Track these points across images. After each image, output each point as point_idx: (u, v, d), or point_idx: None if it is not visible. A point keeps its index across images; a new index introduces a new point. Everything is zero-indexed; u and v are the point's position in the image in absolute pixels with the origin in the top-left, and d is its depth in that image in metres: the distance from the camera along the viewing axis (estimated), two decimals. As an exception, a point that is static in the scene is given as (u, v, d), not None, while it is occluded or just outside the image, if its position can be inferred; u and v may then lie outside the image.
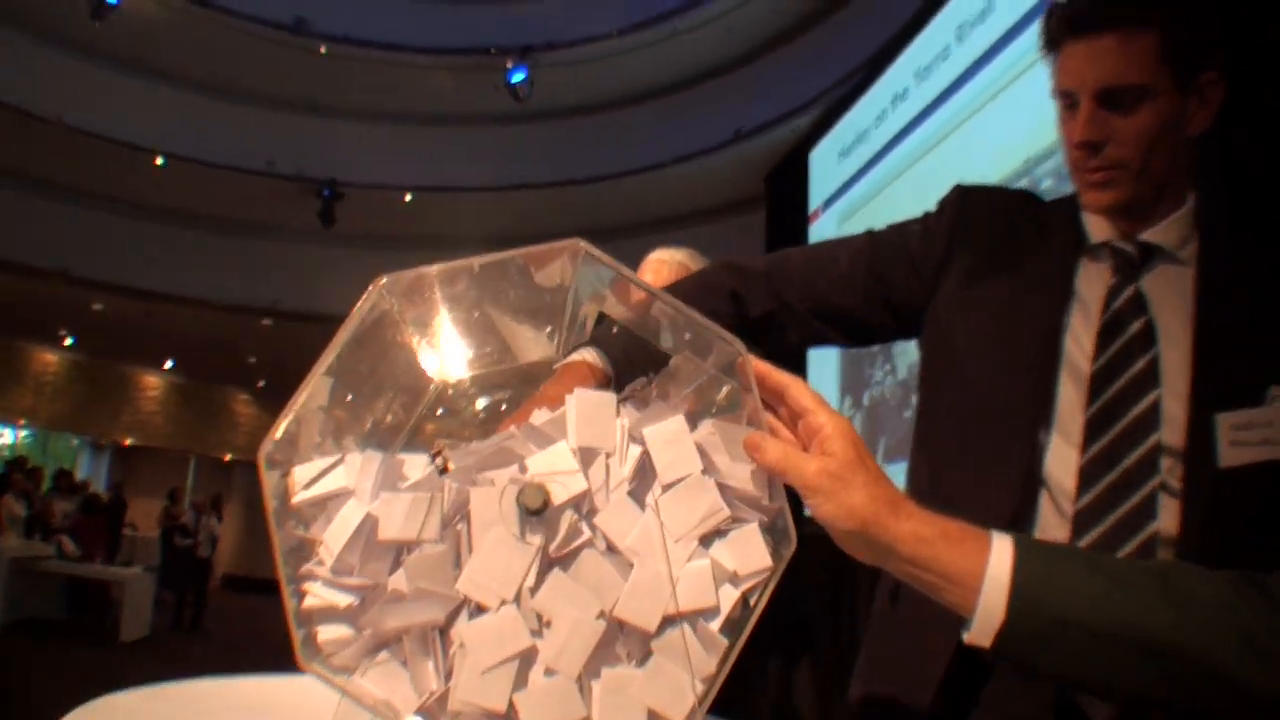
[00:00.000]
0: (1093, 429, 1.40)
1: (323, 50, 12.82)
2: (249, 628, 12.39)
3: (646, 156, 12.35)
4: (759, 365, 0.96)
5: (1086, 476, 1.39)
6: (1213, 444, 1.33)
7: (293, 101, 13.48)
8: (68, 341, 18.23)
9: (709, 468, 0.93)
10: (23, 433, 21.22)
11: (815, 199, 8.65)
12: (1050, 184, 5.11)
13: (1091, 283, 1.50)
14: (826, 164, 8.54)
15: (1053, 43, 1.48)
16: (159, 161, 12.92)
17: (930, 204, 1.70)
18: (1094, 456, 1.39)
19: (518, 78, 12.55)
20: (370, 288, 0.95)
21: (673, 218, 12.95)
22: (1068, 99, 1.45)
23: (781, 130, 10.76)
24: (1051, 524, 1.41)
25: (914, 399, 5.05)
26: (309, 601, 0.89)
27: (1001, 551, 0.90)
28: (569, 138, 13.24)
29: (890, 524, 0.89)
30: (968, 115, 6.07)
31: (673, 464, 0.91)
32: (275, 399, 20.95)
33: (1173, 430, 1.36)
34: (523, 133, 13.21)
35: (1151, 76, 1.37)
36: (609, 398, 0.94)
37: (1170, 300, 1.43)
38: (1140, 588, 0.89)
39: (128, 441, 20.93)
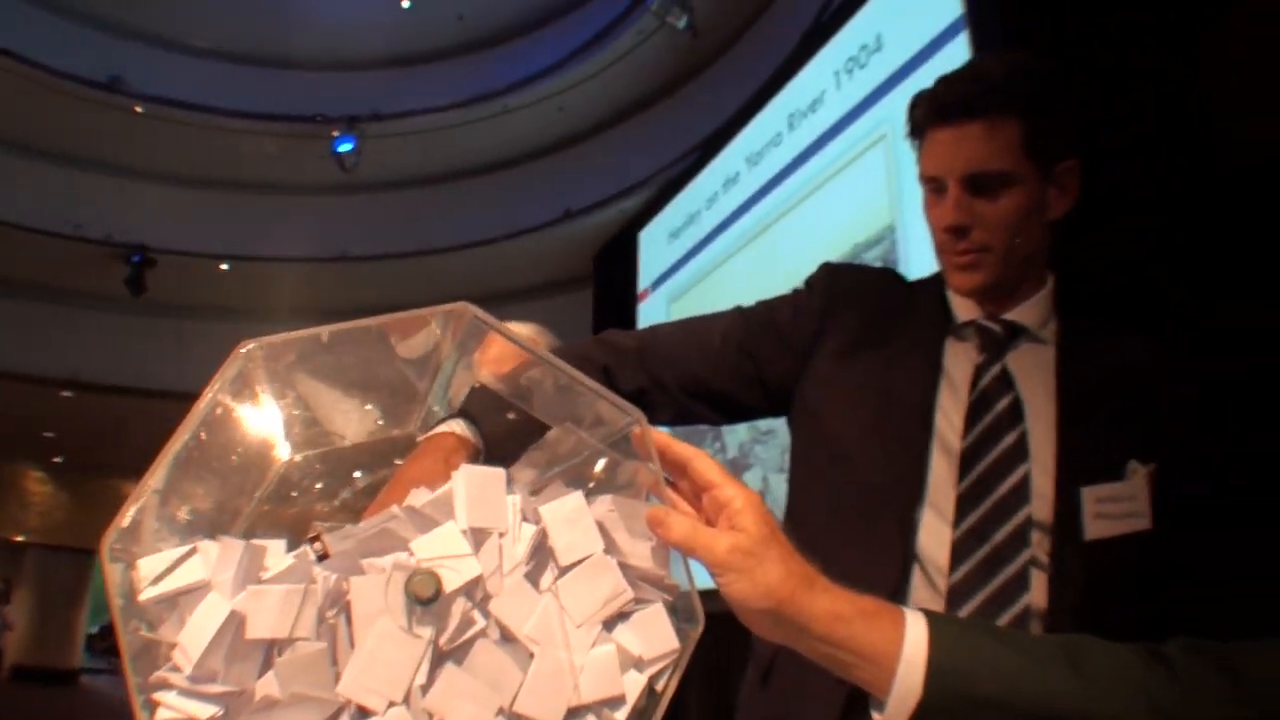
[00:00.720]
0: (964, 504, 1.42)
1: (139, 110, 12.40)
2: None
3: (475, 232, 12.33)
4: (660, 437, 0.91)
5: (959, 552, 1.40)
6: (1079, 517, 1.38)
7: (104, 163, 12.97)
8: None
9: (610, 547, 0.86)
10: None
11: (645, 279, 8.73)
12: (876, 269, 5.28)
13: (959, 361, 1.54)
14: (656, 244, 8.64)
15: (919, 129, 1.57)
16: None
17: (762, 286, 1.79)
18: (966, 532, 1.41)
19: (344, 147, 12.40)
20: (234, 353, 0.85)
21: (501, 294, 12.93)
22: (934, 184, 1.53)
23: (611, 210, 10.89)
24: (925, 599, 1.41)
25: (744, 477, 5.08)
26: (162, 714, 0.77)
27: (916, 629, 0.87)
28: (397, 210, 13.13)
29: (806, 602, 0.86)
30: (798, 201, 6.24)
31: (572, 544, 0.84)
32: (74, 476, 19.85)
33: (1042, 505, 1.41)
34: (348, 203, 13.03)
35: (1015, 164, 1.45)
36: (499, 473, 0.87)
37: (1035, 377, 1.49)
38: (1050, 662, 0.88)
39: (-96, 521, 19.61)
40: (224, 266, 13.06)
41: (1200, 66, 4.54)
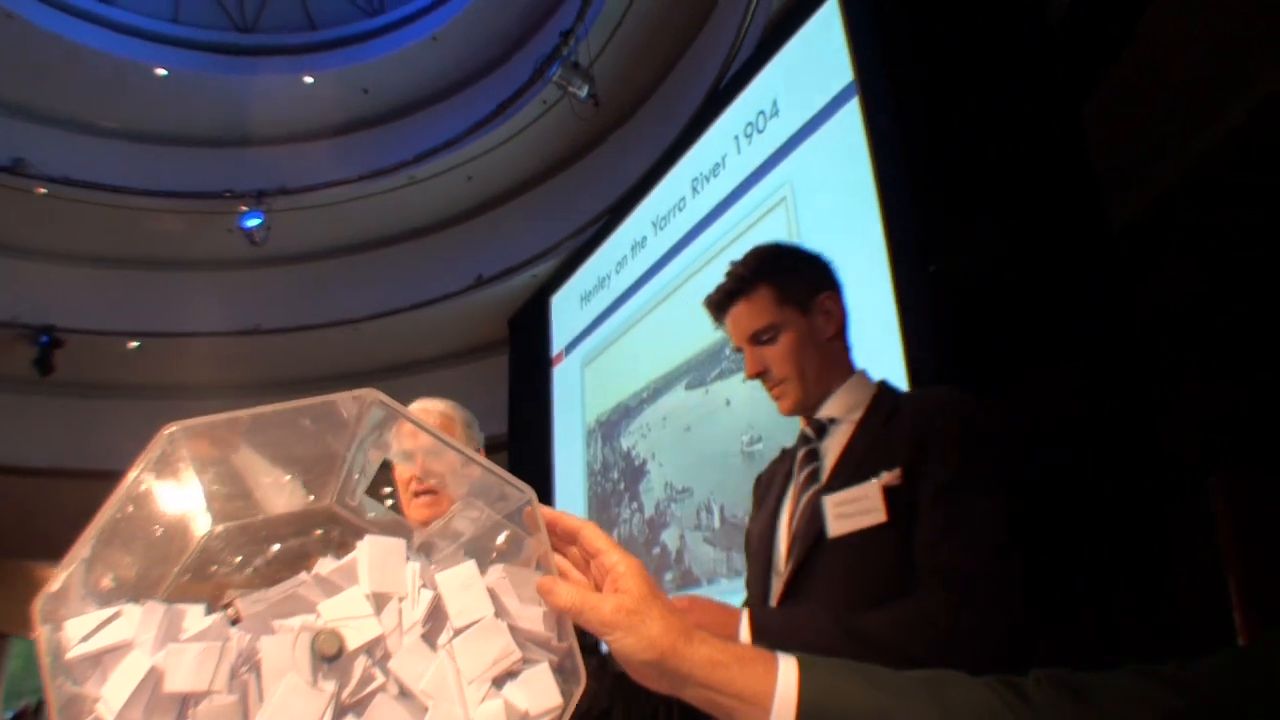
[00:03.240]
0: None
1: (42, 191, 12.23)
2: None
3: (389, 301, 12.29)
4: (550, 511, 1.02)
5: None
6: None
7: (8, 244, 12.74)
8: None
9: (500, 611, 0.95)
10: None
11: (558, 343, 8.81)
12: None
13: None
14: (568, 308, 8.73)
15: (719, 320, 2.07)
16: None
17: (672, 349, 2.26)
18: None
19: (252, 222, 12.30)
20: (158, 435, 0.94)
21: (416, 362, 12.91)
22: (740, 350, 2.02)
23: (523, 276, 10.94)
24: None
25: (662, 535, 5.14)
26: (86, 766, 0.85)
27: (788, 671, 0.95)
28: (308, 282, 13.03)
29: (686, 651, 0.95)
30: (705, 262, 6.34)
31: (465, 608, 0.93)
32: (-16, 560, 19.36)
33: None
34: (259, 277, 12.90)
35: (776, 316, 1.96)
36: (399, 543, 0.96)
37: (834, 447, 1.93)
38: (913, 696, 0.95)
39: None
40: (133, 344, 12.85)
41: (1076, 136, 4.79)
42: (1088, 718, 0.93)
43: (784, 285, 1.97)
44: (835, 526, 1.77)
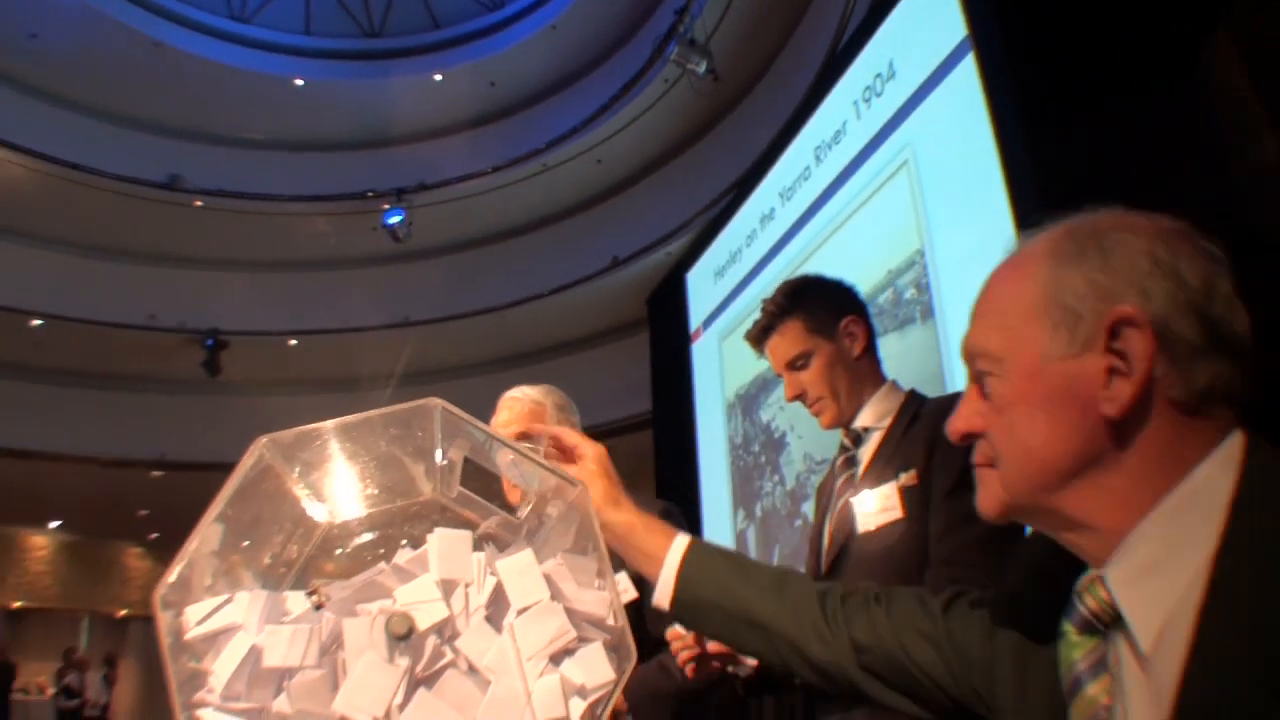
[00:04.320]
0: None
1: (198, 204, 12.84)
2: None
3: (529, 287, 12.53)
4: (557, 429, 1.35)
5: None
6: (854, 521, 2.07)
7: (171, 255, 13.42)
8: (-50, 506, 17.64)
9: (557, 594, 1.05)
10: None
11: (696, 318, 8.84)
12: (912, 294, 5.37)
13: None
14: (703, 284, 8.76)
15: (759, 352, 2.28)
16: (35, 323, 12.76)
17: None
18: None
19: (394, 219, 12.69)
20: (252, 446, 1.06)
21: (560, 345, 13.14)
22: (780, 375, 2.24)
23: (657, 254, 11.01)
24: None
25: (803, 507, 5.18)
26: (199, 727, 0.98)
27: (679, 545, 1.29)
28: (451, 273, 13.38)
29: (611, 514, 1.30)
30: (831, 231, 6.32)
31: (523, 592, 1.04)
32: (168, 550, 20.22)
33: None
34: (404, 271, 13.31)
35: (807, 345, 2.17)
36: (466, 535, 1.06)
37: (869, 451, 2.16)
38: (760, 585, 1.26)
39: (16, 604, 20.09)
40: (292, 342, 13.41)
41: (1203, 73, 4.65)
42: (866, 619, 1.21)
43: (811, 316, 2.17)
44: (862, 523, 2.02)
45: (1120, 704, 0.86)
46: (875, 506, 1.99)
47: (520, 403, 2.54)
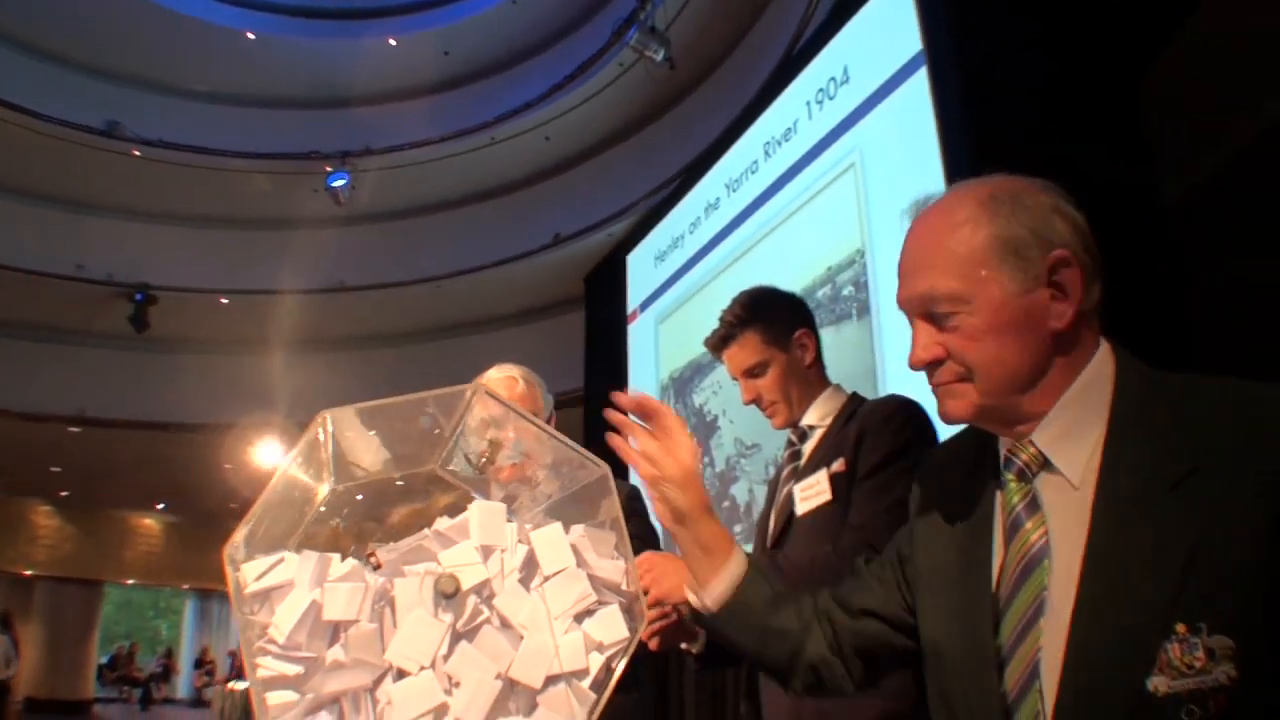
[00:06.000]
0: None
1: (136, 154, 12.64)
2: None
3: (469, 259, 12.52)
4: (642, 397, 1.46)
5: None
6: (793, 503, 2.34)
7: (103, 205, 13.13)
8: None
9: (580, 562, 1.20)
10: None
11: (633, 300, 8.96)
12: (850, 291, 5.55)
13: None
14: (643, 267, 8.88)
15: (718, 358, 2.49)
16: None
17: None
18: None
19: (338, 182, 12.62)
20: (317, 418, 1.19)
21: (496, 318, 13.16)
22: (736, 379, 2.46)
23: (599, 235, 11.09)
24: None
25: (731, 489, 5.35)
26: (261, 673, 1.11)
27: (741, 559, 1.47)
28: (391, 240, 13.30)
29: (701, 516, 1.45)
30: (775, 225, 6.47)
31: (553, 559, 1.19)
32: (81, 509, 20.03)
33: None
34: (344, 235, 13.17)
35: (763, 355, 2.38)
36: (501, 507, 1.21)
37: (809, 449, 2.48)
38: (781, 599, 1.48)
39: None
40: (224, 300, 13.27)
41: (1140, 101, 4.87)
42: (839, 606, 1.47)
43: (768, 328, 2.39)
44: (799, 508, 2.26)
45: (1051, 533, 1.18)
46: (809, 492, 2.25)
47: (513, 382, 2.70)
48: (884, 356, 5.14)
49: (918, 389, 4.60)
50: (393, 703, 1.09)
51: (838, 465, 2.21)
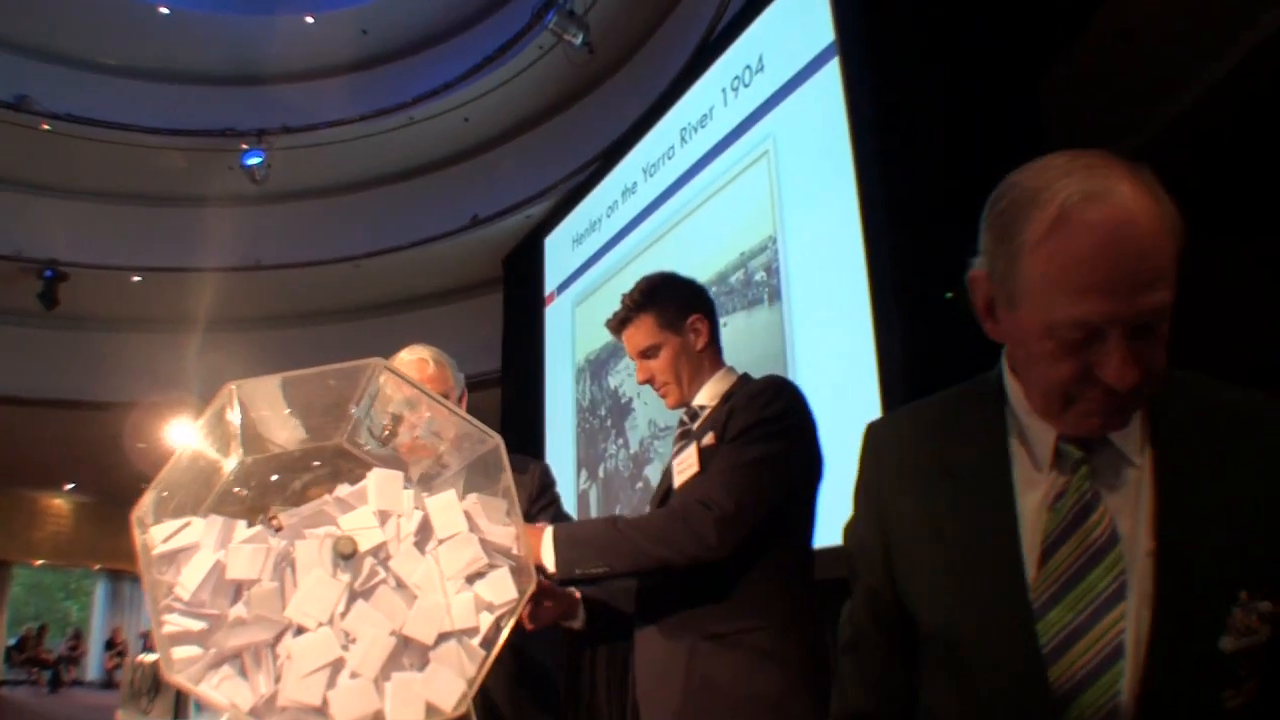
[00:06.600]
0: None
1: (46, 128, 12.38)
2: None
3: (386, 239, 12.45)
4: None
5: None
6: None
7: (11, 179, 12.85)
8: None
9: (473, 527, 1.28)
10: None
11: (551, 282, 9.04)
12: (762, 276, 5.67)
13: None
14: (561, 250, 8.96)
15: (618, 339, 2.59)
16: None
17: None
18: None
19: (254, 160, 12.46)
20: (223, 390, 1.26)
21: (413, 298, 13.11)
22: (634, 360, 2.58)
23: (517, 217, 11.11)
24: None
25: (645, 470, 5.43)
26: (167, 629, 1.18)
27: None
28: (308, 219, 13.17)
29: None
30: (691, 210, 6.57)
31: (446, 524, 1.26)
32: (-13, 487, 19.70)
33: None
34: (260, 214, 13.01)
35: (657, 338, 2.49)
36: (398, 475, 1.29)
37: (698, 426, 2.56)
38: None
39: None
40: (136, 278, 13.05)
41: (1041, 95, 5.03)
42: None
43: (662, 313, 2.50)
44: (676, 481, 2.37)
45: (1113, 510, 1.19)
46: (682, 465, 2.36)
47: (424, 365, 2.77)
48: (794, 340, 5.25)
49: (828, 371, 4.71)
50: (292, 657, 1.16)
51: (708, 440, 2.32)
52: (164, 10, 13.10)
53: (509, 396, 9.60)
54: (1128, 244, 1.09)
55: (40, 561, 22.74)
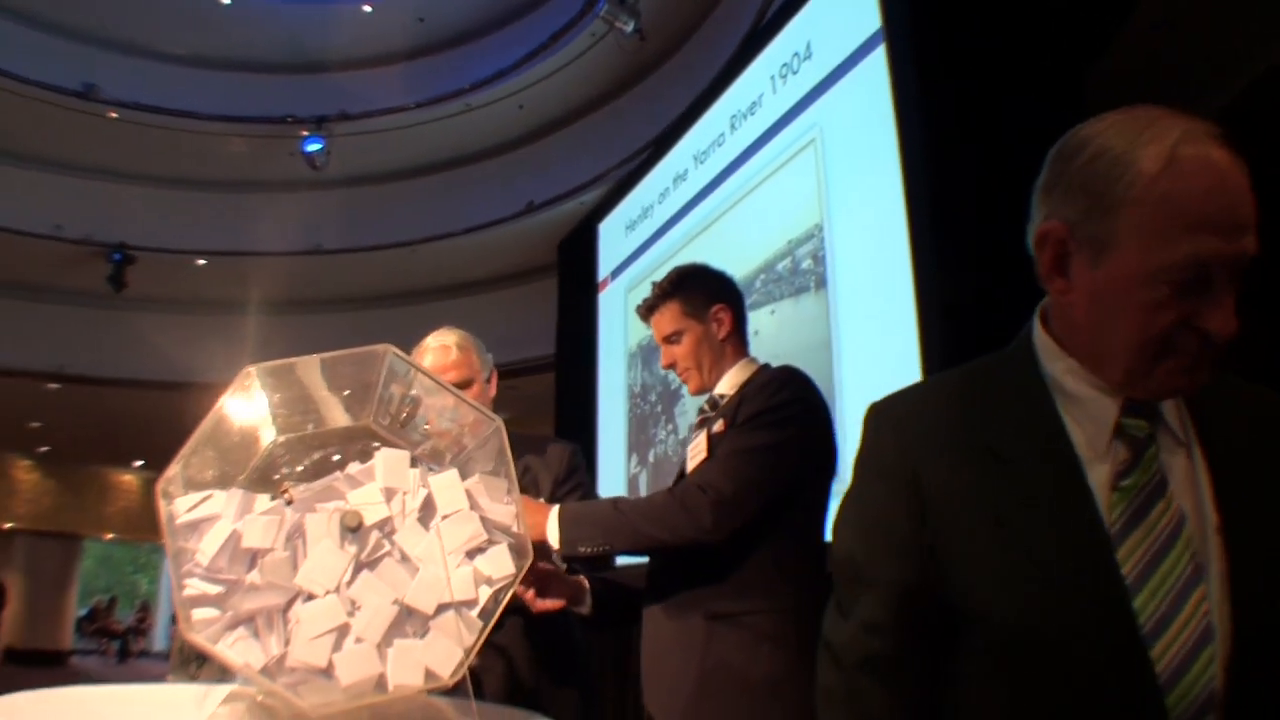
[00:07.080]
0: None
1: (113, 115, 12.66)
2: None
3: (442, 225, 12.57)
4: None
5: None
6: None
7: (81, 165, 13.16)
8: None
9: (474, 505, 1.36)
10: None
11: (604, 268, 9.06)
12: (809, 264, 5.68)
13: None
14: (614, 236, 8.97)
15: (647, 324, 2.67)
16: (-67, 225, 12.52)
17: None
18: None
19: (313, 146, 12.65)
20: (240, 373, 1.34)
21: (469, 283, 13.22)
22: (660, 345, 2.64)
23: (571, 203, 11.17)
24: None
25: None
26: (188, 591, 1.27)
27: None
28: (367, 205, 13.33)
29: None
30: (739, 197, 6.58)
31: (449, 501, 1.34)
32: (59, 464, 20.15)
33: None
34: (320, 199, 13.19)
35: (679, 325, 2.56)
36: (405, 454, 1.37)
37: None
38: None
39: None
40: (201, 262, 13.32)
41: (1089, 84, 5.00)
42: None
43: (688, 300, 2.57)
44: (688, 466, 2.43)
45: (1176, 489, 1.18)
46: (694, 451, 2.42)
47: (447, 350, 2.82)
48: (840, 329, 5.26)
49: (873, 357, 4.72)
50: (301, 621, 1.25)
51: (718, 427, 2.37)
52: (225, 0, 13.32)
53: (563, 381, 9.65)
54: (1236, 182, 1.10)
55: (111, 535, 23.22)
